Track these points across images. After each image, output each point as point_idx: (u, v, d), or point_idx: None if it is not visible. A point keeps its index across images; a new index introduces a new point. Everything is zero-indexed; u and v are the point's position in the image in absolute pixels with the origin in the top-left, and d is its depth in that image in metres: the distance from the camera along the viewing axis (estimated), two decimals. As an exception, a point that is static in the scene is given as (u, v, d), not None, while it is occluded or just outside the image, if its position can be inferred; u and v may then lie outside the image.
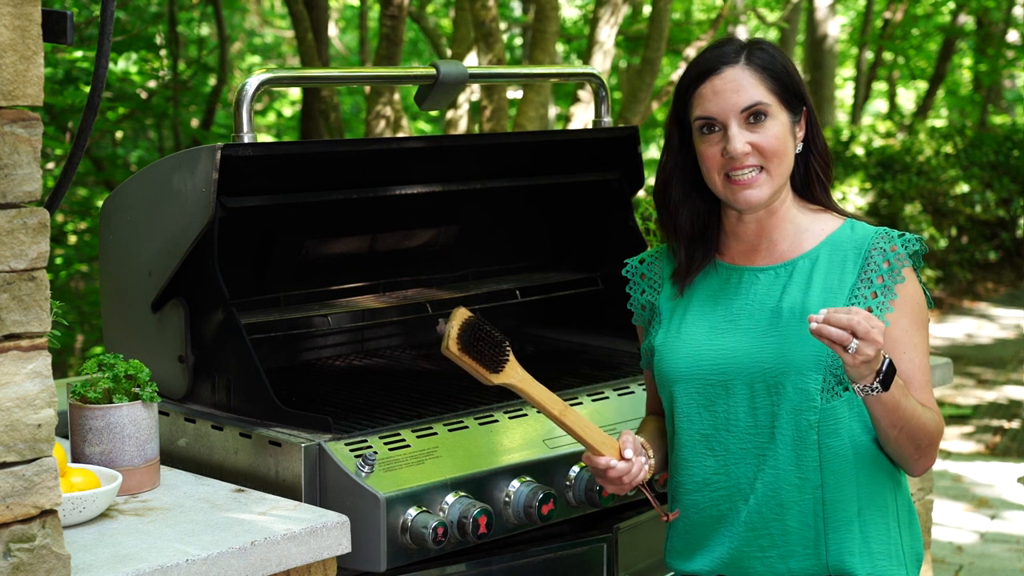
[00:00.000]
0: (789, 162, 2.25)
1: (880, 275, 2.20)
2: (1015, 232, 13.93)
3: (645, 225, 3.41)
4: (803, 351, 2.17)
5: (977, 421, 8.53)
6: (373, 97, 8.35)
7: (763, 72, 2.22)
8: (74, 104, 8.72)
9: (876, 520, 2.23)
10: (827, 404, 2.18)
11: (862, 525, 2.22)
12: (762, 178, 2.22)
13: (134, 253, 2.74)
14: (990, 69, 17.45)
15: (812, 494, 2.20)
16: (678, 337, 2.30)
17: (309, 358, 3.14)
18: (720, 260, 2.33)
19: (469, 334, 2.17)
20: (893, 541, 2.25)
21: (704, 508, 2.28)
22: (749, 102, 2.20)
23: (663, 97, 9.22)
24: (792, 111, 2.25)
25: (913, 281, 2.23)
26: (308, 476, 2.35)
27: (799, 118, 2.27)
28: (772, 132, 2.21)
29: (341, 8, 16.60)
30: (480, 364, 2.18)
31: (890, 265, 2.20)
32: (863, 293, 2.20)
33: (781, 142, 2.22)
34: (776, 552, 2.23)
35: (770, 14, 13.24)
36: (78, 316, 9.55)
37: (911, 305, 2.22)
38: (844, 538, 2.21)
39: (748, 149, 2.20)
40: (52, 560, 1.73)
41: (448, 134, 8.30)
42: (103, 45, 1.85)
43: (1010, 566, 5.42)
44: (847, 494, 2.21)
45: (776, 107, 2.22)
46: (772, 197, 2.25)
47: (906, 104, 21.96)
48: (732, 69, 2.22)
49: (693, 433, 2.28)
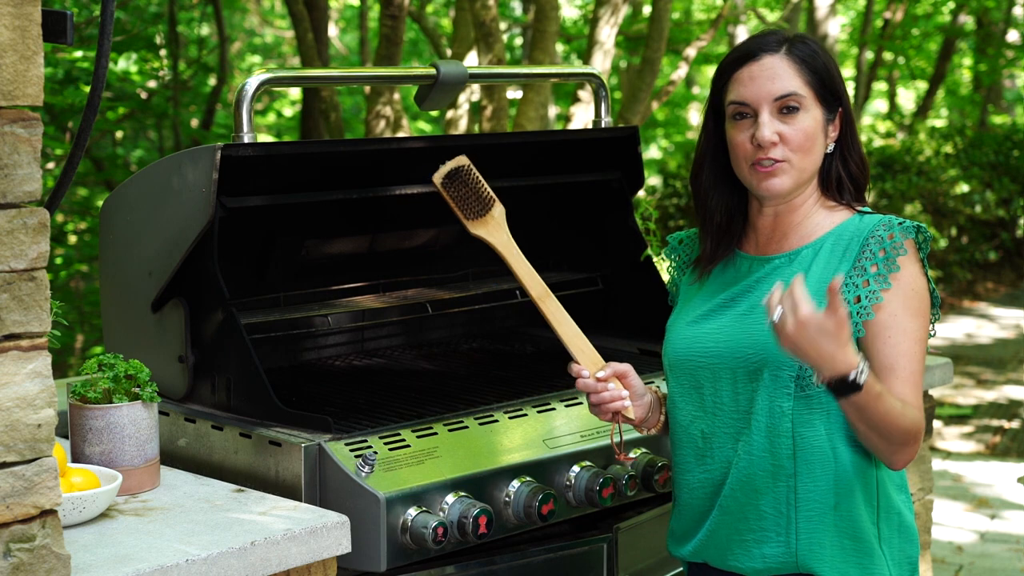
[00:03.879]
0: (816, 158, 2.25)
1: (875, 263, 2.19)
2: (1015, 232, 13.93)
3: (645, 225, 3.41)
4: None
5: (977, 421, 8.53)
6: (373, 97, 8.34)
7: (802, 65, 2.22)
8: (74, 104, 8.72)
9: (856, 517, 2.21)
10: (801, 393, 2.18)
11: (838, 520, 2.20)
12: (785, 167, 2.22)
13: (134, 253, 2.74)
14: (990, 69, 17.44)
15: (786, 482, 2.20)
16: (681, 321, 2.35)
17: (309, 358, 3.14)
18: (739, 250, 2.35)
19: (456, 174, 2.38)
20: (871, 541, 2.22)
21: (695, 489, 2.31)
22: (783, 91, 2.21)
23: (663, 97, 9.21)
24: (827, 109, 2.25)
25: (911, 269, 2.20)
26: (308, 476, 2.35)
27: (833, 117, 2.27)
28: (802, 125, 2.22)
29: (341, 8, 16.59)
30: (458, 206, 2.39)
31: (886, 253, 2.19)
32: (855, 281, 2.19)
33: (810, 137, 2.22)
34: (752, 537, 2.24)
35: (770, 14, 13.24)
36: (78, 316, 9.56)
37: (905, 291, 2.18)
38: (816, 529, 2.20)
39: (776, 139, 2.21)
40: (52, 560, 1.73)
41: (448, 134, 8.30)
42: (103, 45, 1.85)
43: (1010, 566, 5.42)
44: (822, 486, 2.19)
45: (810, 101, 2.22)
46: (795, 190, 2.25)
47: (906, 104, 21.96)
48: (771, 57, 2.23)
49: (686, 414, 2.32)
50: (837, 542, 2.20)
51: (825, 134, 2.26)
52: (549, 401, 2.69)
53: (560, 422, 2.64)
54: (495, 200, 2.42)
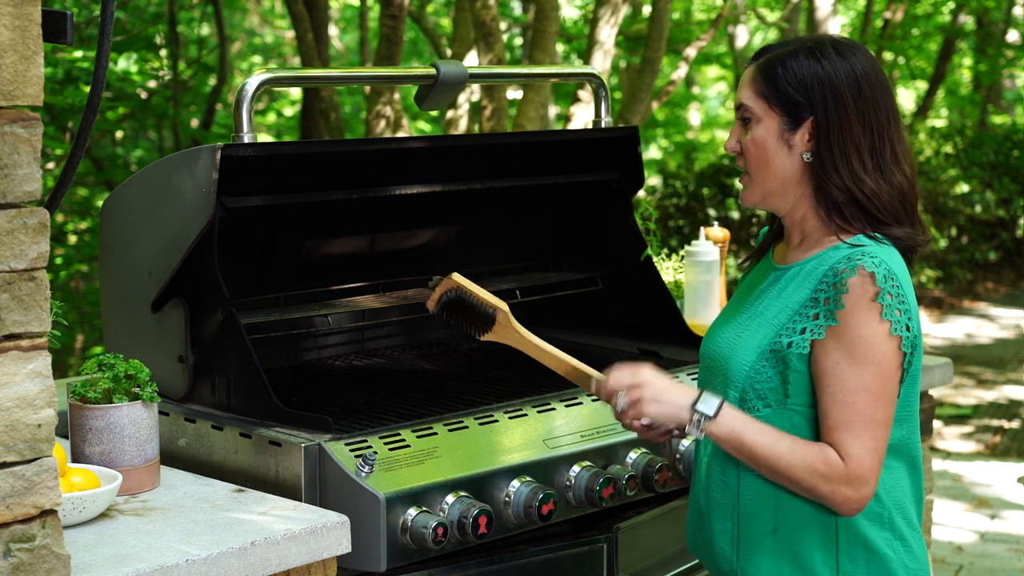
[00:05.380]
0: (776, 170, 2.19)
1: (827, 297, 2.10)
2: (1015, 232, 13.93)
3: (645, 225, 3.41)
4: (738, 355, 2.19)
5: (977, 421, 8.53)
6: (373, 97, 8.34)
7: (759, 75, 2.20)
8: (74, 104, 8.72)
9: (799, 544, 2.16)
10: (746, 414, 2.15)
11: (775, 545, 2.17)
12: (747, 179, 2.24)
13: (134, 253, 2.74)
14: (990, 69, 17.43)
15: (732, 500, 2.22)
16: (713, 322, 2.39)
17: (309, 358, 3.14)
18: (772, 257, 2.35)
19: (448, 302, 2.34)
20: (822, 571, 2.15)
21: (692, 486, 2.36)
22: (737, 102, 2.24)
23: (663, 97, 9.21)
24: (789, 117, 2.17)
25: (860, 314, 2.07)
26: (308, 476, 2.35)
27: (797, 126, 2.17)
28: (753, 136, 2.20)
29: (341, 8, 16.59)
30: (463, 326, 2.37)
31: (836, 289, 2.08)
32: (807, 312, 2.13)
33: (759, 148, 2.19)
34: (715, 544, 2.26)
35: (770, 14, 13.23)
36: (78, 316, 9.56)
37: (851, 338, 2.07)
38: (755, 552, 2.20)
39: (737, 148, 2.23)
40: (52, 560, 1.73)
41: (448, 134, 8.30)
42: (103, 45, 1.85)
43: (1010, 566, 5.42)
44: (763, 509, 2.18)
45: (763, 112, 2.19)
46: (763, 200, 2.24)
47: (906, 104, 21.95)
48: (750, 67, 2.25)
49: None
50: (775, 567, 2.18)
51: (786, 143, 2.18)
52: (549, 401, 2.69)
53: (560, 422, 2.64)
54: (497, 307, 2.33)
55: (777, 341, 2.15)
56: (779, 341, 2.14)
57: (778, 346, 2.14)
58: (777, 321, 2.17)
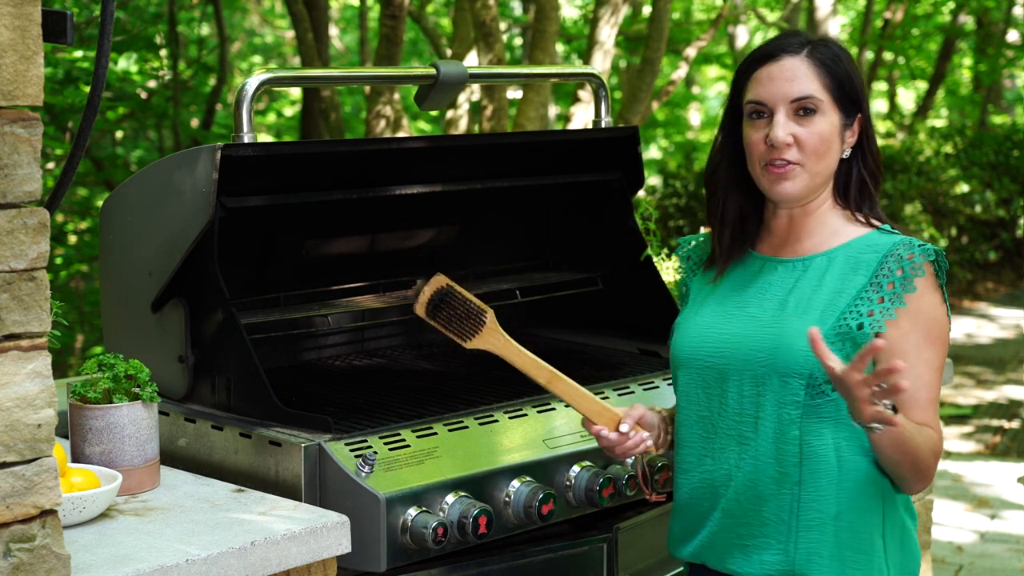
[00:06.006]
0: (830, 163, 2.24)
1: (892, 281, 2.17)
2: (1015, 232, 13.93)
3: (645, 225, 3.41)
4: (795, 346, 2.16)
5: (977, 421, 8.53)
6: (373, 97, 8.34)
7: (822, 68, 2.21)
8: (74, 104, 8.73)
9: (856, 529, 2.19)
10: (811, 402, 2.16)
11: (837, 530, 2.18)
12: (797, 171, 2.21)
13: (134, 253, 2.74)
14: (990, 69, 17.44)
15: (790, 490, 2.19)
16: (692, 320, 2.34)
17: (309, 358, 3.14)
18: (753, 251, 2.34)
19: (438, 302, 2.32)
20: (875, 554, 2.20)
21: (694, 490, 2.30)
22: (800, 93, 2.20)
23: (663, 97, 9.21)
24: (845, 114, 2.23)
25: (930, 295, 2.18)
26: (308, 476, 2.35)
27: (851, 123, 2.25)
28: (817, 129, 2.20)
29: (341, 8, 16.59)
30: (449, 331, 2.32)
31: (903, 273, 2.17)
32: (870, 296, 2.17)
33: (824, 141, 2.21)
34: (753, 543, 2.22)
35: (770, 14, 13.23)
36: (78, 316, 9.56)
37: (925, 319, 2.17)
38: (815, 539, 2.18)
39: (790, 140, 2.20)
40: (52, 560, 1.73)
41: (448, 134, 8.30)
42: (103, 45, 1.85)
43: (1010, 566, 5.42)
44: (825, 495, 2.18)
45: (827, 105, 2.21)
46: (807, 193, 2.24)
47: (906, 104, 21.95)
48: (792, 59, 2.22)
49: (691, 414, 2.31)
50: (836, 553, 2.18)
51: (842, 139, 2.24)
52: (549, 401, 2.69)
53: (560, 422, 2.64)
54: (484, 311, 2.33)
55: (842, 324, 2.16)
56: (845, 324, 2.16)
57: (845, 328, 2.15)
58: (835, 306, 2.18)
